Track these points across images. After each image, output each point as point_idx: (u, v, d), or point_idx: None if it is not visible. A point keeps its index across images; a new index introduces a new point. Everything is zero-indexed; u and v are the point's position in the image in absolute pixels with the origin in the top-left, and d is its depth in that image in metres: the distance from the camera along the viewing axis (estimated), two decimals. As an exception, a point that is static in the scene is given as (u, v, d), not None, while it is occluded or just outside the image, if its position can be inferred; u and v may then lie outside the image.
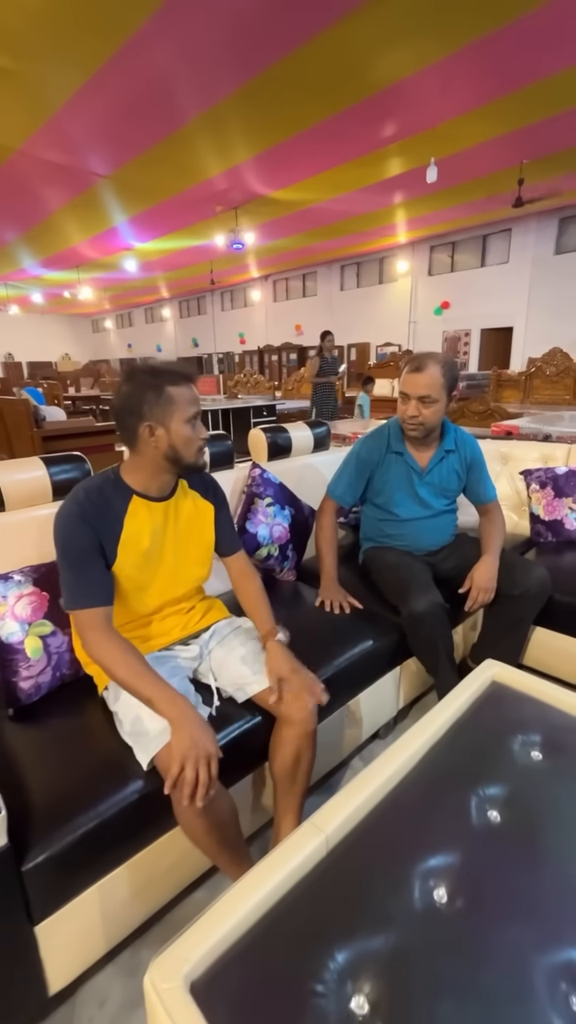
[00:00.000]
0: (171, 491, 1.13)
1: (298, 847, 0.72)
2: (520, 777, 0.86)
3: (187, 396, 1.02)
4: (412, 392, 1.44)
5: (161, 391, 0.99)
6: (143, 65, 4.10)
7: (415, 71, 4.38)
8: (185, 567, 1.15)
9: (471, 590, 1.45)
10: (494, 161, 6.47)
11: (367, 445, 1.61)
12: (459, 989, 0.58)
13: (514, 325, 10.73)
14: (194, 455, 1.06)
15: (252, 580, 1.23)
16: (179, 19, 3.54)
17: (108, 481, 1.06)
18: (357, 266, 13.23)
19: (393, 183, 7.18)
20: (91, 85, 4.33)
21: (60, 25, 3.56)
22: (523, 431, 2.72)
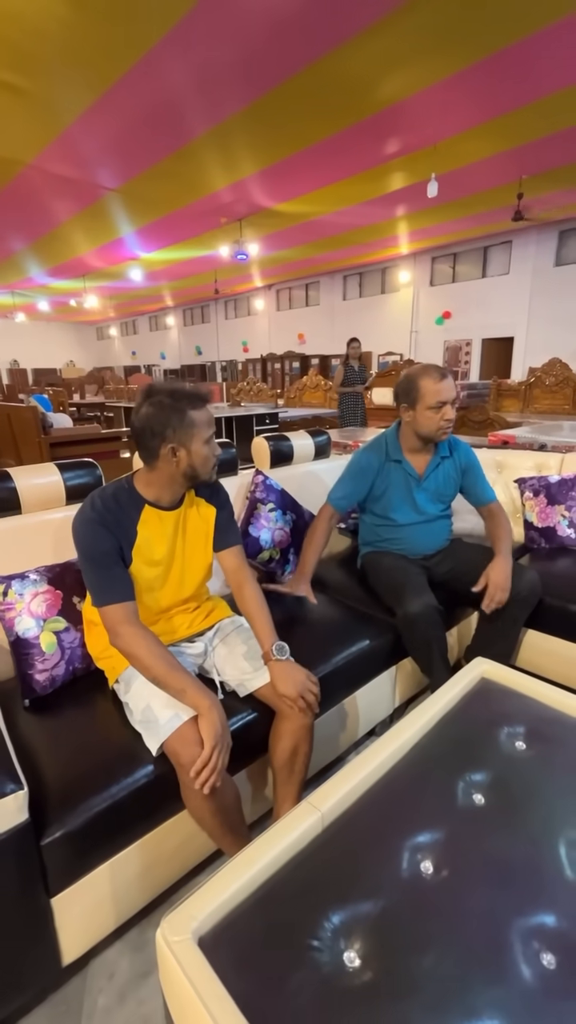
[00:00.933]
0: (180, 500, 1.20)
1: (296, 823, 0.78)
2: (504, 764, 0.92)
3: (205, 418, 1.09)
4: (447, 397, 1.55)
5: (184, 415, 1.06)
6: (153, 84, 4.23)
7: (417, 91, 4.51)
8: (192, 570, 1.22)
9: (488, 588, 1.51)
10: (494, 176, 6.60)
11: (366, 454, 1.69)
12: (440, 945, 0.64)
13: (515, 335, 10.84)
14: (210, 472, 1.14)
15: (248, 584, 1.25)
16: (189, 41, 3.67)
17: (122, 490, 1.14)
18: (360, 276, 13.40)
19: (395, 197, 7.32)
20: (102, 103, 4.46)
21: (73, 46, 3.69)
22: (519, 440, 2.80)
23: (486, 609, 1.50)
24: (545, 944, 0.64)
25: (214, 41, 3.68)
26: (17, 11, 3.30)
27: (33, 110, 4.57)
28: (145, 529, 1.13)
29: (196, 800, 0.96)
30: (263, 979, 0.61)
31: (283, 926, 0.67)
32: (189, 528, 1.21)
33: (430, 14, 3.46)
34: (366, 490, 1.69)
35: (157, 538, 1.14)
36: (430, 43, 3.81)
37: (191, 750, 0.93)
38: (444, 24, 3.58)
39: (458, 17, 3.51)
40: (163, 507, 1.16)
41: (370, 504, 1.73)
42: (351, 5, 3.36)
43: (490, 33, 3.73)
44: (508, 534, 1.63)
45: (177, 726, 0.95)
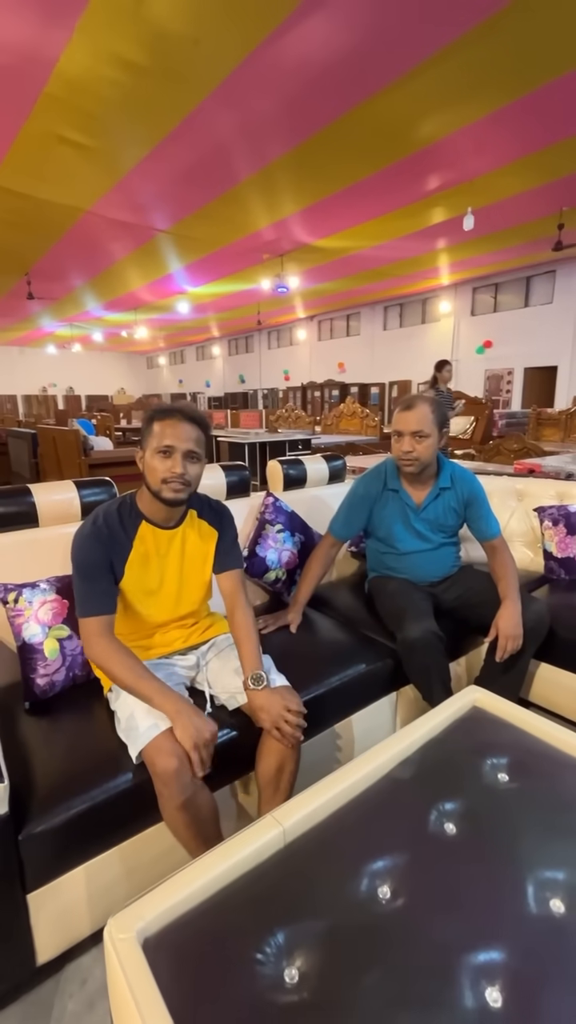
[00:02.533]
0: (178, 520, 1.23)
1: (257, 836, 0.79)
2: (483, 795, 0.90)
3: (166, 430, 1.11)
4: (405, 428, 1.53)
5: (150, 423, 1.13)
6: (201, 135, 4.55)
7: (454, 131, 4.63)
8: (188, 591, 1.26)
9: (498, 639, 1.46)
10: (533, 209, 6.62)
11: (364, 482, 1.71)
12: (383, 969, 0.63)
13: (558, 364, 10.61)
14: (157, 484, 1.12)
15: (241, 609, 1.25)
16: (234, 95, 3.95)
17: (124, 505, 1.20)
18: (400, 307, 13.55)
19: (434, 231, 7.44)
20: (154, 154, 4.83)
21: (129, 106, 4.03)
22: (545, 469, 2.73)
23: (498, 659, 1.46)
24: (493, 980, 0.62)
25: (258, 93, 3.94)
26: (83, 81, 3.67)
27: (94, 164, 4.99)
28: (141, 544, 1.18)
29: (171, 810, 0.98)
30: (200, 986, 0.61)
31: (229, 936, 0.67)
32: (188, 549, 1.25)
33: (467, 57, 3.58)
34: (365, 518, 1.70)
35: (151, 554, 1.19)
36: (467, 85, 3.93)
37: (166, 760, 0.95)
38: (481, 66, 3.69)
39: (495, 59, 3.61)
40: (158, 524, 1.20)
41: (373, 531, 1.73)
42: (389, 52, 3.52)
43: (527, 72, 3.81)
44: (513, 573, 1.57)
45: (154, 735, 0.98)
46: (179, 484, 1.12)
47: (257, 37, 3.32)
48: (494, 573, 1.61)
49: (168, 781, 0.95)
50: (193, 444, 1.14)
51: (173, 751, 0.96)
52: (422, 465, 1.58)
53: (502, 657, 1.46)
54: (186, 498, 1.16)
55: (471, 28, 3.29)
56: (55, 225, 6.67)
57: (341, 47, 3.42)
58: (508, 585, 1.53)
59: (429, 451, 1.55)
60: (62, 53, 3.44)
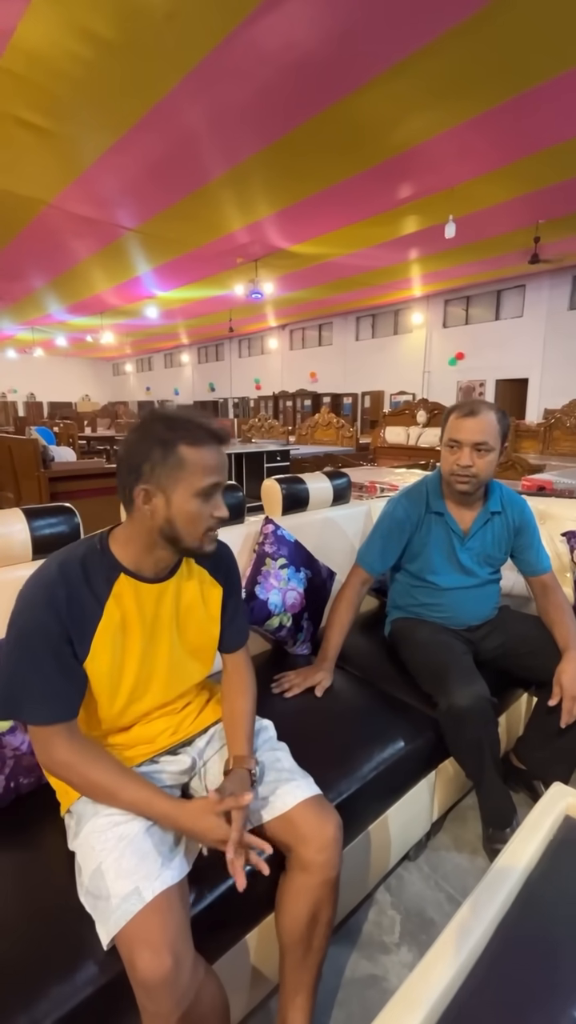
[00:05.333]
0: (171, 570, 0.90)
1: None
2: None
3: (207, 461, 0.79)
4: (466, 439, 1.25)
5: (171, 449, 0.77)
6: (171, 126, 4.25)
7: (434, 135, 4.49)
8: (182, 665, 0.92)
9: (563, 700, 1.19)
10: (511, 220, 6.60)
11: (403, 504, 1.41)
12: None
13: (529, 376, 10.75)
14: (199, 538, 0.82)
15: (244, 693, 0.98)
16: (206, 85, 3.67)
17: (93, 552, 0.84)
18: (372, 317, 13.54)
19: (409, 240, 7.35)
20: (121, 144, 4.49)
21: (94, 88, 3.70)
22: (557, 486, 2.52)
23: (564, 725, 1.19)
24: None
25: (231, 85, 3.68)
26: (42, 53, 3.31)
27: (55, 151, 4.61)
28: (117, 607, 0.83)
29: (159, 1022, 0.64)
30: None
31: None
32: (182, 607, 0.91)
33: (447, 59, 3.43)
34: (402, 547, 1.40)
35: (133, 619, 0.85)
36: (447, 88, 3.78)
37: (152, 959, 0.61)
38: (461, 69, 3.55)
39: (475, 62, 3.48)
40: (144, 578, 0.86)
41: (405, 562, 1.44)
42: (368, 48, 3.33)
43: (508, 78, 3.69)
44: (571, 617, 1.31)
45: (134, 913, 0.64)
46: (216, 532, 0.86)
47: (236, 17, 3.05)
48: (546, 615, 1.34)
49: (156, 991, 0.62)
50: (227, 473, 0.87)
51: (165, 940, 0.63)
52: (479, 484, 1.30)
53: (567, 721, 1.19)
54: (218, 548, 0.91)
55: (450, 28, 3.13)
56: (12, 218, 6.21)
57: (321, 37, 3.19)
58: (569, 633, 1.26)
59: (490, 468, 1.28)
60: (19, 22, 3.09)
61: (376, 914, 1.16)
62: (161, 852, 0.72)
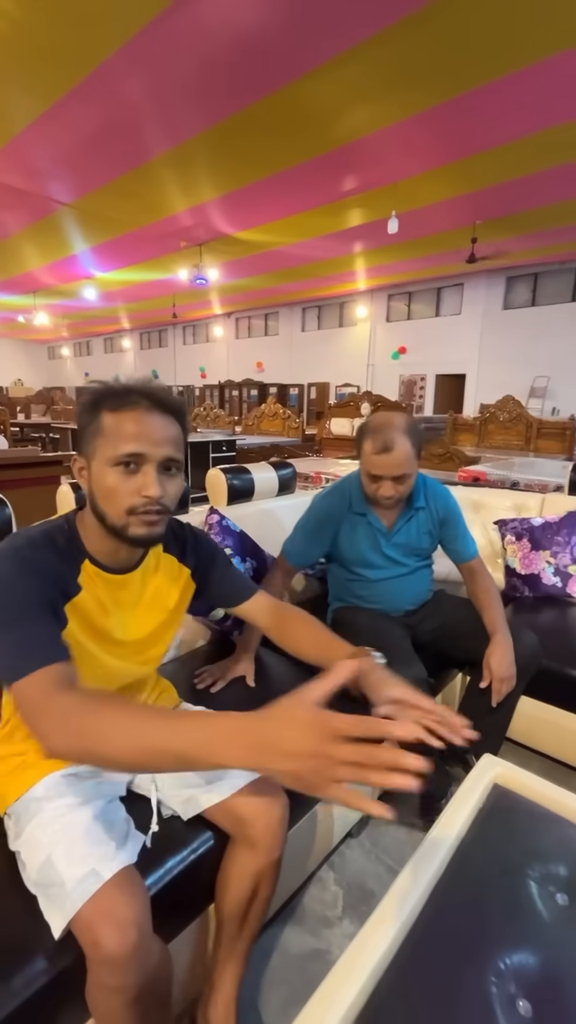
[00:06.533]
0: (136, 561, 0.84)
1: None
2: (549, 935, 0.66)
3: (125, 428, 0.70)
4: (386, 474, 1.27)
5: (95, 415, 0.72)
6: (107, 98, 4.05)
7: (379, 129, 4.55)
8: (145, 650, 0.88)
9: (492, 682, 1.27)
10: (450, 219, 6.82)
11: (327, 501, 1.43)
12: None
13: (467, 372, 11.22)
14: (121, 516, 0.71)
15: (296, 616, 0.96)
16: (143, 58, 3.52)
17: (60, 532, 0.77)
18: (318, 309, 13.62)
19: (354, 233, 7.43)
20: (54, 112, 4.23)
21: (24, 50, 3.46)
22: (490, 477, 2.67)
23: (494, 703, 1.27)
24: None
25: (173, 59, 3.55)
26: (-38, 4, 3.05)
27: (-22, 114, 4.28)
28: (88, 593, 0.77)
29: (118, 1007, 0.64)
30: None
31: None
32: (146, 597, 0.87)
33: (391, 52, 3.47)
34: (328, 543, 1.43)
35: (95, 609, 0.79)
36: (392, 82, 3.84)
37: (116, 933, 0.61)
38: (405, 64, 3.61)
39: (419, 58, 3.55)
40: (107, 568, 0.80)
41: (336, 555, 1.47)
42: (315, 35, 3.31)
43: (451, 77, 3.80)
44: (498, 601, 1.38)
45: (92, 892, 0.63)
46: (154, 514, 0.72)
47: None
48: (476, 600, 1.42)
49: (124, 966, 0.61)
50: (171, 448, 0.73)
51: (129, 915, 0.62)
52: (403, 500, 1.36)
53: (498, 701, 1.27)
54: (163, 532, 0.76)
55: (396, 21, 3.17)
56: None
57: (266, 18, 3.14)
58: (496, 617, 1.34)
59: (411, 487, 1.32)
60: None
61: (319, 891, 1.20)
62: (113, 837, 0.71)
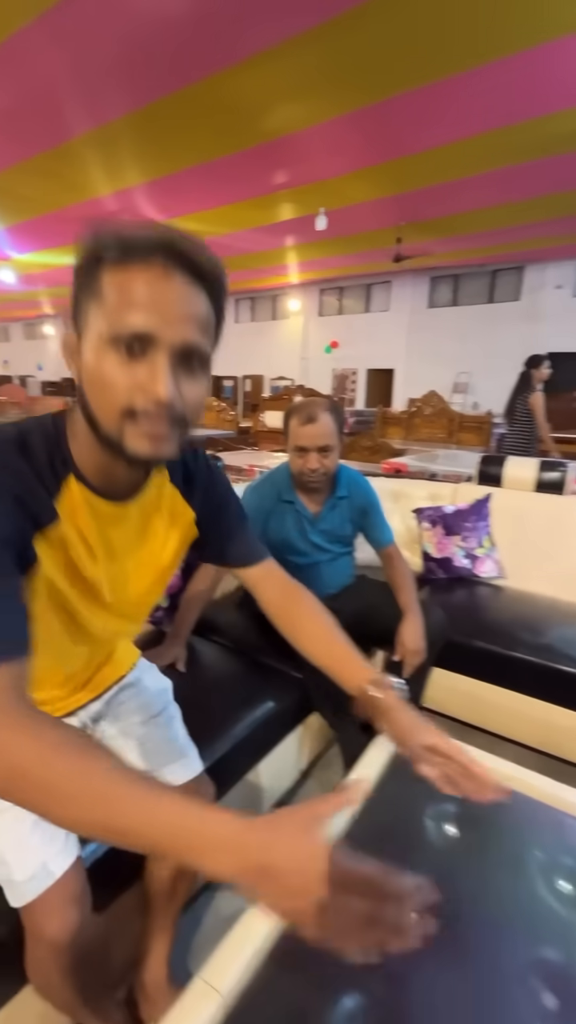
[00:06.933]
0: (137, 488, 0.65)
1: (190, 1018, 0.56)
2: (437, 861, 0.78)
3: (131, 292, 0.49)
4: (311, 444, 1.35)
5: (93, 273, 0.51)
6: (21, 72, 3.84)
7: (307, 126, 4.63)
8: (137, 600, 0.73)
9: (405, 657, 1.39)
10: (377, 219, 7.05)
11: (257, 493, 1.52)
12: None
13: (395, 367, 11.67)
14: (115, 418, 0.51)
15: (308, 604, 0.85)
16: (64, 29, 3.37)
17: (39, 433, 0.57)
18: (252, 301, 13.59)
19: (285, 227, 7.50)
20: (-39, 79, 3.95)
21: None
22: (411, 468, 2.85)
23: (405, 675, 1.40)
24: None
25: (92, 34, 3.42)
26: None
27: None
28: (69, 521, 0.59)
29: (48, 974, 0.68)
30: None
31: None
32: (147, 539, 0.70)
33: (322, 52, 3.54)
34: (259, 532, 1.51)
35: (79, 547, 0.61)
36: (321, 80, 3.91)
37: (58, 921, 0.65)
38: (335, 64, 3.69)
39: (348, 60, 3.64)
40: (98, 490, 0.60)
41: (265, 544, 1.55)
42: (243, 27, 3.32)
43: (377, 80, 3.92)
44: (411, 583, 1.52)
45: (43, 890, 0.66)
46: (163, 424, 0.52)
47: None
48: (392, 582, 1.55)
49: (60, 947, 0.65)
50: (194, 330, 0.52)
51: (76, 903, 0.67)
52: (329, 478, 1.45)
53: (408, 673, 1.41)
54: (175, 452, 0.56)
55: (326, 21, 3.24)
56: None
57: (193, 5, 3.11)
58: (408, 597, 1.48)
59: (335, 464, 1.42)
60: None
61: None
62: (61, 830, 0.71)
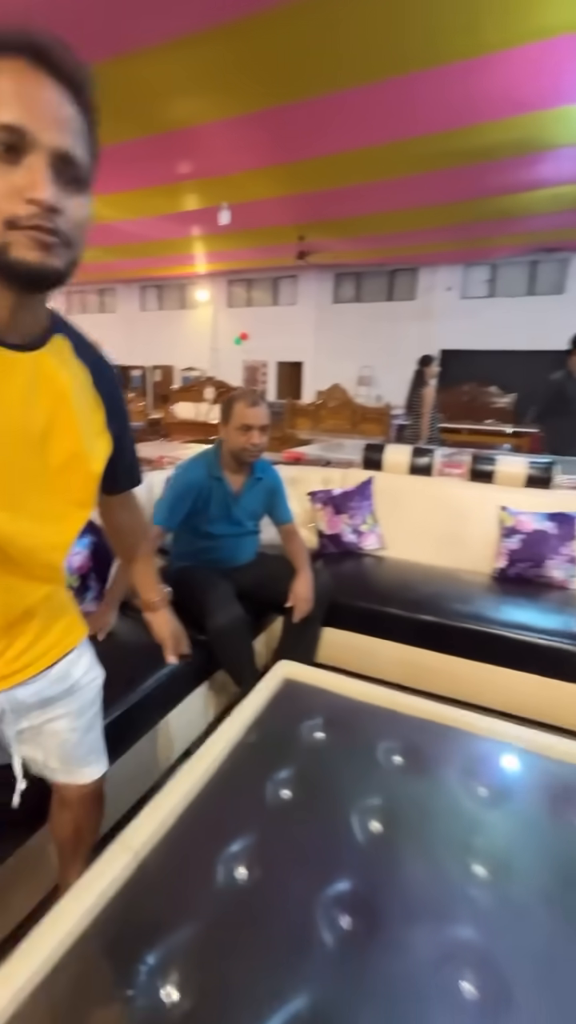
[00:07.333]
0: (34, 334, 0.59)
1: (107, 870, 0.74)
2: (306, 756, 1.02)
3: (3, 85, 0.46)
4: (256, 423, 1.64)
5: None
6: None
7: (211, 120, 4.71)
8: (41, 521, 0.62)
9: (296, 604, 1.67)
10: (281, 215, 7.27)
11: (190, 472, 1.74)
12: (254, 947, 0.67)
13: (304, 360, 12.05)
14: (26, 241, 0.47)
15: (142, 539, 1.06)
16: None
17: None
18: (159, 289, 13.30)
19: (191, 216, 7.49)
20: None
21: None
22: (309, 457, 3.13)
23: (296, 620, 1.65)
24: (345, 910, 0.72)
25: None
26: None
27: None
28: None
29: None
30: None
31: (95, 987, 0.62)
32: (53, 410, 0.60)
33: (227, 51, 3.62)
34: (190, 505, 1.73)
35: None
36: (225, 78, 4.00)
37: None
38: (239, 65, 3.79)
39: (251, 63, 3.76)
40: None
41: (191, 518, 1.77)
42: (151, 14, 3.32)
43: (280, 85, 4.09)
44: (304, 551, 1.83)
45: None
46: (48, 233, 0.48)
47: None
48: (289, 553, 1.82)
49: None
50: (72, 138, 0.49)
51: None
52: (256, 457, 1.72)
53: (299, 619, 1.66)
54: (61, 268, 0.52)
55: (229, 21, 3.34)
56: None
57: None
58: (301, 560, 1.77)
59: (267, 444, 1.70)
60: None
61: (165, 798, 1.46)
62: None
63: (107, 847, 0.77)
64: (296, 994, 0.61)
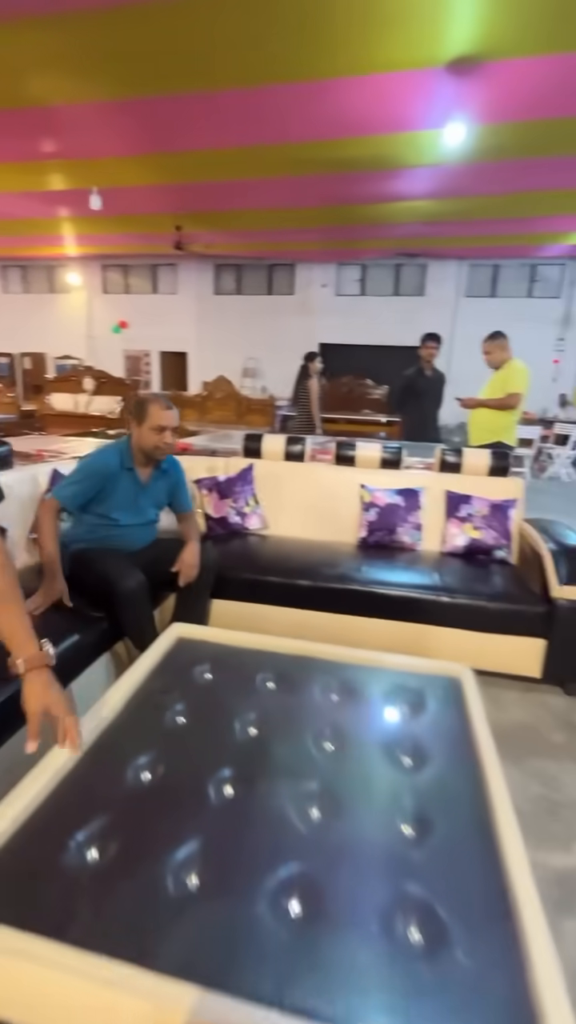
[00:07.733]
0: None
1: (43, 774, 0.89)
2: (197, 692, 1.23)
3: None
4: (170, 424, 1.84)
5: None
6: None
7: (75, 102, 4.54)
8: None
9: (182, 568, 1.86)
10: (155, 203, 7.18)
11: (103, 457, 1.86)
12: (152, 822, 0.89)
13: (188, 351, 11.98)
14: None
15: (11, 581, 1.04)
16: None
17: None
18: (23, 270, 12.30)
19: (57, 197, 7.09)
20: None
21: None
22: (196, 447, 3.30)
23: (182, 584, 1.85)
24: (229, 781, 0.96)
25: None
26: None
27: None
28: None
29: None
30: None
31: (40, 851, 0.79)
32: None
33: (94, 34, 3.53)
34: (97, 489, 1.83)
35: None
36: (91, 62, 3.90)
37: None
38: (106, 50, 3.73)
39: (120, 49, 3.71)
40: None
41: (94, 506, 1.86)
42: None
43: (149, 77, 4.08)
44: (196, 529, 2.08)
45: None
46: None
47: None
48: (183, 531, 2.05)
49: None
50: None
51: None
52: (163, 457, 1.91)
53: (184, 583, 1.87)
54: None
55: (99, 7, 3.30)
56: None
57: None
58: (191, 535, 2.00)
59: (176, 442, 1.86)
60: None
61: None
62: None
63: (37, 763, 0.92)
64: (191, 837, 0.84)
